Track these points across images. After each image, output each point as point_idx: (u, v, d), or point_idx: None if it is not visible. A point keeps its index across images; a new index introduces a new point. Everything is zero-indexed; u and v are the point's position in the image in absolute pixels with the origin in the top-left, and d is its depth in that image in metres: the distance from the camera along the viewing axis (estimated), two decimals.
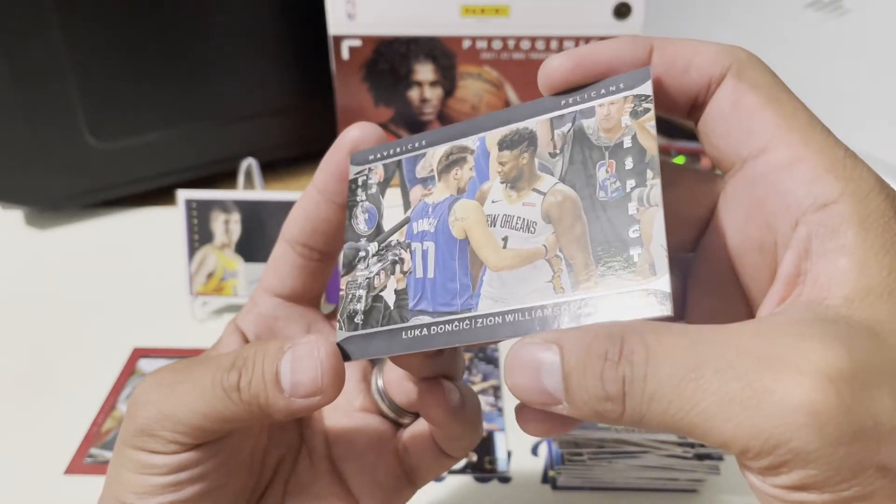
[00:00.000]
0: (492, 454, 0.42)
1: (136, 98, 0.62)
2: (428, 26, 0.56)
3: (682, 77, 0.20)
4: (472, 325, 0.21)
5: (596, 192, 0.20)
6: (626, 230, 0.19)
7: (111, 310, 0.54)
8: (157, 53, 0.62)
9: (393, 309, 0.22)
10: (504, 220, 0.21)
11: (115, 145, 0.63)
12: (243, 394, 0.22)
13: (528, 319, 0.20)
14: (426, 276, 0.22)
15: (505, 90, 0.58)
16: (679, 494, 0.40)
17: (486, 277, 0.21)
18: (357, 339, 0.23)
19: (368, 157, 0.25)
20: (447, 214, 0.22)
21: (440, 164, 0.23)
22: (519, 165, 0.22)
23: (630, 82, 0.20)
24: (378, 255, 0.23)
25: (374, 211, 0.24)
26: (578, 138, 0.21)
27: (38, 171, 0.61)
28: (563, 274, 0.20)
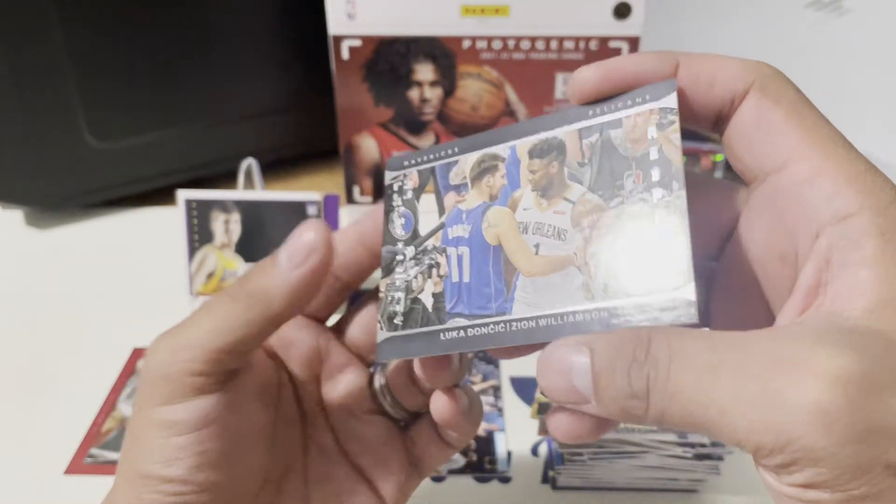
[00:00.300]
0: (492, 454, 0.42)
1: (136, 98, 0.62)
2: (428, 26, 0.56)
3: (708, 92, 0.20)
4: (507, 329, 0.22)
5: (623, 201, 0.21)
6: (653, 238, 0.20)
7: (111, 310, 0.54)
8: (158, 54, 0.62)
9: (431, 311, 0.23)
10: (535, 228, 0.22)
11: (115, 145, 0.63)
12: (245, 286, 0.23)
13: (561, 324, 0.21)
14: (462, 280, 0.23)
15: (505, 90, 0.58)
16: (679, 494, 0.40)
17: (520, 283, 0.22)
18: (397, 340, 0.24)
19: (403, 162, 0.25)
20: (480, 221, 0.23)
21: (473, 171, 0.24)
22: (549, 174, 0.22)
23: (656, 94, 0.21)
24: (415, 259, 0.24)
25: (411, 216, 0.25)
26: (606, 149, 0.21)
27: (39, 171, 0.61)
28: (592, 280, 0.20)
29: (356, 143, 0.61)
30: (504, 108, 0.59)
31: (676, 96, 0.20)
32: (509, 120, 0.60)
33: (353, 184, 0.62)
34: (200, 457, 0.23)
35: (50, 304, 0.55)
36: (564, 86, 0.58)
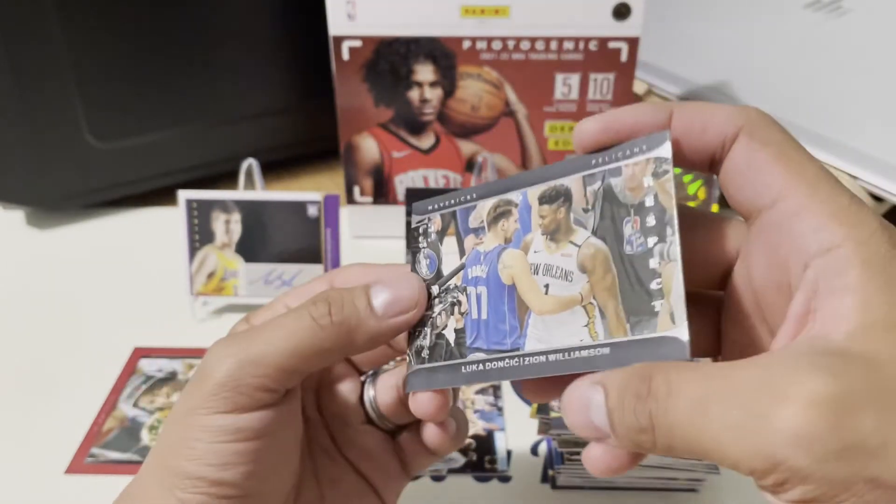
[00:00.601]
0: (492, 453, 0.42)
1: (136, 98, 0.62)
2: (428, 27, 0.56)
3: (701, 137, 0.22)
4: (520, 363, 0.24)
5: (623, 246, 0.22)
6: (650, 283, 0.22)
7: (112, 310, 0.54)
8: (158, 54, 0.62)
9: (453, 346, 0.26)
10: (545, 269, 0.24)
11: (115, 145, 0.63)
12: (334, 317, 0.25)
13: (569, 359, 0.23)
14: (480, 318, 0.25)
15: (505, 90, 0.58)
16: (678, 494, 0.40)
17: (532, 320, 0.24)
18: (424, 372, 0.26)
19: (427, 207, 0.28)
20: (496, 262, 0.26)
21: (489, 215, 0.26)
22: (557, 219, 0.24)
23: (651, 145, 0.22)
24: (439, 297, 0.26)
25: (435, 257, 0.27)
26: (608, 196, 0.23)
27: (39, 171, 0.61)
28: (596, 320, 0.23)
29: (356, 144, 0.61)
30: (504, 109, 0.59)
31: (670, 146, 0.22)
32: (509, 120, 0.60)
33: (354, 184, 0.62)
34: (255, 465, 0.24)
35: (51, 303, 0.55)
36: (564, 86, 0.58)
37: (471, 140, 0.61)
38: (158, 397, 0.46)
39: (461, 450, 0.42)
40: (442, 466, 0.41)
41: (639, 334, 0.21)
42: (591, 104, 0.58)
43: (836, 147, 0.57)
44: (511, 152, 0.61)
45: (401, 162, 0.62)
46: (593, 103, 0.58)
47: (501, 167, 0.62)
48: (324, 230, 0.51)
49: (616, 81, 0.57)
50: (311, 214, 0.51)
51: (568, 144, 0.61)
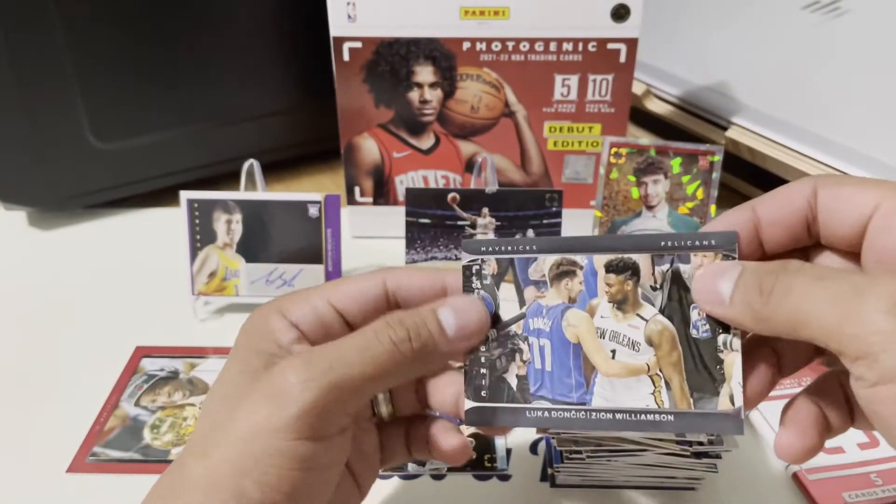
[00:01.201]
0: (491, 452, 0.42)
1: (138, 99, 0.63)
2: (428, 28, 0.56)
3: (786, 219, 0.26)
4: (587, 416, 0.26)
5: (689, 328, 0.25)
6: (713, 366, 0.25)
7: (114, 309, 0.55)
8: (160, 55, 0.62)
9: (516, 391, 0.27)
10: (612, 335, 0.26)
11: (117, 146, 0.63)
12: (414, 343, 0.25)
13: (636, 420, 0.26)
14: (545, 369, 0.27)
15: (504, 91, 0.59)
16: (677, 493, 0.40)
17: (598, 380, 0.26)
18: (485, 410, 0.28)
19: (480, 248, 0.28)
20: (560, 319, 0.27)
21: (552, 271, 0.27)
22: (624, 290, 0.26)
23: (721, 242, 0.25)
24: (497, 341, 0.28)
25: (490, 300, 0.28)
26: (676, 280, 0.26)
27: (41, 172, 0.61)
28: (662, 391, 0.26)
29: (357, 144, 0.62)
30: (503, 110, 0.60)
31: (738, 247, 0.25)
32: (508, 121, 0.60)
33: (354, 184, 0.62)
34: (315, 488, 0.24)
35: (52, 303, 0.55)
36: (563, 87, 0.58)
37: (470, 141, 0.61)
38: (160, 396, 0.46)
39: None
40: (441, 465, 0.41)
41: (701, 409, 0.25)
42: (590, 105, 0.59)
43: (834, 147, 0.57)
44: (510, 153, 0.61)
45: (401, 162, 0.62)
46: (592, 104, 0.58)
47: (501, 167, 0.62)
48: (325, 230, 0.52)
49: (615, 82, 0.58)
50: (312, 214, 0.51)
51: (567, 145, 0.61)
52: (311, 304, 0.28)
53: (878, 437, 0.42)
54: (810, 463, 0.41)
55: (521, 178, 0.63)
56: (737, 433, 0.24)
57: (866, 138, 0.56)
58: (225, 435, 0.24)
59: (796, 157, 0.59)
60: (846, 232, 0.24)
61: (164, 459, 0.42)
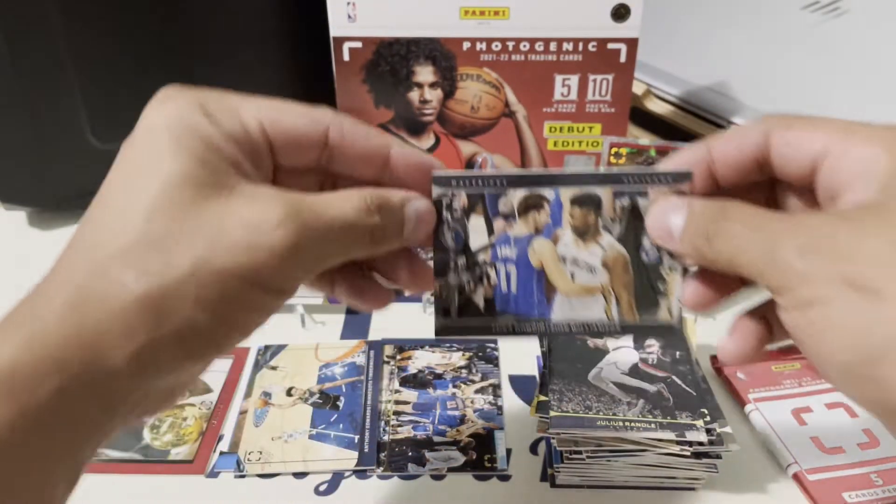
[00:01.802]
0: (491, 452, 0.42)
1: (138, 99, 0.62)
2: (428, 28, 0.56)
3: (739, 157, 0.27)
4: (546, 328, 0.30)
5: (640, 254, 0.29)
6: (658, 286, 0.29)
7: None
8: (160, 55, 0.62)
9: (483, 310, 0.30)
10: (572, 261, 0.30)
11: (117, 146, 0.63)
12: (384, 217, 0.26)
13: (587, 330, 0.30)
14: (510, 292, 0.30)
15: (504, 91, 0.59)
16: (677, 493, 0.40)
17: (558, 298, 0.30)
18: (453, 327, 0.31)
19: (451, 181, 0.29)
20: (526, 247, 0.30)
21: (520, 205, 0.30)
22: (587, 222, 0.30)
23: (677, 179, 0.28)
24: (467, 267, 0.30)
25: (460, 231, 0.30)
26: (633, 213, 0.29)
27: (42, 172, 0.61)
28: (612, 306, 0.30)
29: None
30: (503, 110, 0.60)
31: (689, 185, 0.28)
32: (508, 121, 0.60)
33: None
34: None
35: None
36: (563, 87, 0.58)
37: (470, 141, 0.61)
38: None
39: (461, 448, 0.43)
40: (442, 465, 0.41)
41: (644, 321, 0.30)
42: (590, 105, 0.59)
43: None
44: (511, 153, 0.61)
45: None
46: (592, 104, 0.58)
47: (501, 167, 0.62)
48: None
49: (615, 82, 0.58)
50: None
51: (567, 145, 0.61)
52: (241, 119, 0.25)
53: (877, 436, 0.42)
54: (810, 463, 0.41)
55: None
56: (672, 336, 0.31)
57: None
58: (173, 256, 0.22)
59: None
60: (799, 174, 0.26)
61: (164, 459, 0.42)
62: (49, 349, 0.21)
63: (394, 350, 0.50)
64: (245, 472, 0.42)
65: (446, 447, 0.43)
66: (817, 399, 0.45)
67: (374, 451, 0.42)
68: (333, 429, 0.44)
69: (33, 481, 0.22)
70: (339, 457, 0.42)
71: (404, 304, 0.55)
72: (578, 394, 0.41)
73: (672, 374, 0.42)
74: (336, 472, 0.41)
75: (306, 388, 0.47)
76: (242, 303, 0.23)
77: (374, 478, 0.41)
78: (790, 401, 0.45)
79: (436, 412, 0.45)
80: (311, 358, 0.50)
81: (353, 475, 0.41)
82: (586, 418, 0.39)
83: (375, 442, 0.43)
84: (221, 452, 0.43)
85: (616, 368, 0.43)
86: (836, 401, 0.45)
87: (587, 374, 0.42)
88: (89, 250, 0.23)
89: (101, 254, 0.22)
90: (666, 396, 0.40)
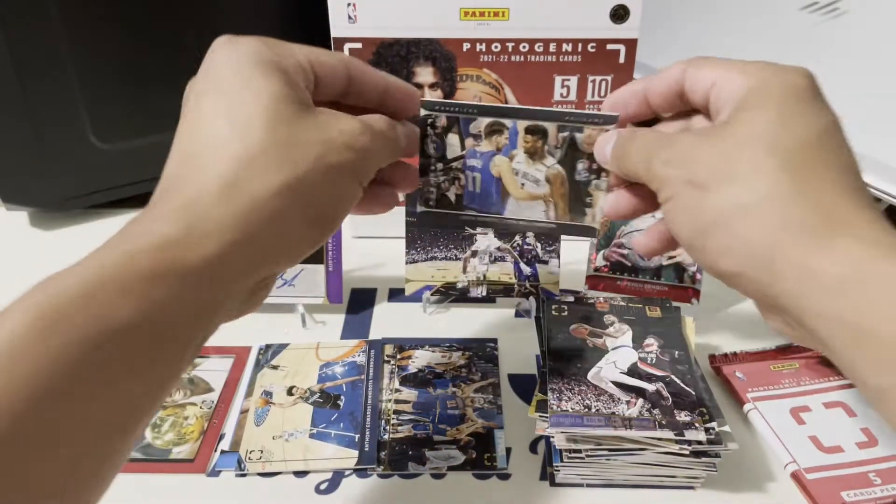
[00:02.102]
0: (491, 451, 0.43)
1: (139, 100, 0.63)
2: (428, 29, 0.56)
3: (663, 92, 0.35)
4: (500, 220, 0.40)
5: (575, 174, 0.38)
6: (586, 198, 0.39)
7: None
8: (161, 56, 0.62)
9: (454, 203, 0.40)
10: (523, 175, 0.39)
11: (118, 147, 0.63)
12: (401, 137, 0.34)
13: (530, 226, 0.40)
14: (475, 191, 0.40)
15: (504, 92, 0.59)
16: (676, 492, 0.40)
17: (510, 201, 0.40)
18: (431, 215, 0.41)
19: (435, 107, 0.39)
20: (489, 161, 0.40)
21: (486, 129, 0.39)
22: (536, 146, 0.39)
23: (607, 121, 0.36)
24: (444, 171, 0.40)
25: (440, 144, 0.39)
26: (571, 144, 0.38)
27: (43, 172, 0.62)
28: (550, 210, 0.39)
29: None
30: None
31: (616, 127, 0.36)
32: None
33: None
34: None
35: None
36: (562, 88, 0.58)
37: None
38: None
39: (461, 447, 0.43)
40: (442, 464, 0.42)
41: (573, 221, 0.39)
42: (590, 105, 0.59)
43: None
44: None
45: None
46: (592, 104, 0.59)
47: None
48: None
49: (614, 83, 0.58)
50: None
51: None
52: (298, 60, 0.31)
53: (876, 436, 0.42)
54: (809, 462, 0.41)
55: None
56: (592, 237, 0.40)
57: (865, 139, 0.56)
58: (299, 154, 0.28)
59: None
60: (701, 102, 0.33)
61: (165, 458, 0.42)
62: (209, 223, 0.27)
63: (394, 349, 0.51)
64: (246, 471, 0.42)
65: (446, 446, 0.43)
66: (816, 398, 0.45)
67: (374, 450, 0.43)
68: (334, 428, 0.44)
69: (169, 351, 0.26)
70: (339, 456, 0.42)
71: (404, 304, 0.55)
72: (578, 393, 0.41)
73: (671, 373, 0.42)
74: (337, 471, 0.42)
75: (307, 387, 0.47)
76: (346, 189, 0.31)
77: (375, 477, 0.41)
78: (789, 400, 0.45)
79: (436, 411, 0.45)
80: (311, 357, 0.50)
81: (354, 474, 0.42)
82: (586, 417, 0.39)
83: (376, 441, 0.43)
84: (222, 451, 0.43)
85: (615, 368, 0.43)
86: (834, 400, 0.45)
87: (586, 373, 0.42)
88: (213, 157, 0.28)
89: (233, 155, 0.28)
90: (665, 396, 0.40)
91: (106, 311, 0.23)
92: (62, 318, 0.23)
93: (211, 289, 0.27)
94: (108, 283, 0.24)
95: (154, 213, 0.29)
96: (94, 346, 0.23)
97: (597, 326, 0.46)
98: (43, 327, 0.22)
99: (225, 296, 0.28)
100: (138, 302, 0.24)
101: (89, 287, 0.24)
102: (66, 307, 0.23)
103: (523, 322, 0.54)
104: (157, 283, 0.25)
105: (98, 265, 0.25)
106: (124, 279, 0.24)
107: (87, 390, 0.23)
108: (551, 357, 0.43)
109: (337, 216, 0.31)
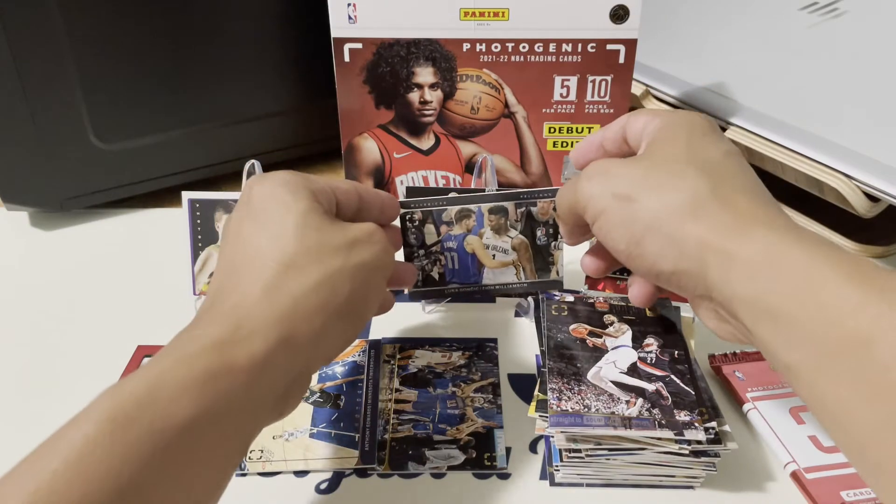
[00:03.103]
0: (491, 451, 0.43)
1: (140, 100, 0.63)
2: (428, 29, 0.56)
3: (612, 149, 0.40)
4: (479, 289, 0.49)
5: (535, 240, 0.47)
6: (548, 258, 0.48)
7: (116, 309, 0.55)
8: (162, 56, 0.62)
9: (438, 280, 0.49)
10: (493, 247, 0.48)
11: (119, 147, 0.63)
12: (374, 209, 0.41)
13: (505, 289, 0.50)
14: (455, 268, 0.49)
15: (504, 92, 0.59)
16: (675, 491, 0.40)
17: (485, 271, 0.48)
18: (419, 293, 0.50)
19: (411, 205, 0.47)
20: (462, 241, 0.48)
21: (456, 216, 0.48)
22: (500, 223, 0.48)
23: (552, 194, 0.47)
24: (426, 255, 0.48)
25: (420, 234, 0.48)
26: (528, 216, 0.48)
27: (44, 172, 0.62)
28: (520, 272, 0.48)
29: (357, 145, 0.62)
30: (503, 110, 0.60)
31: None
32: (508, 121, 0.60)
33: None
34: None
35: (55, 303, 0.56)
36: (562, 88, 0.58)
37: (470, 141, 0.61)
38: None
39: (461, 447, 0.43)
40: (442, 464, 0.42)
41: (541, 278, 0.48)
42: (590, 105, 0.59)
43: (832, 148, 0.58)
44: (510, 153, 0.62)
45: (401, 163, 0.62)
46: (591, 105, 0.59)
47: (501, 168, 0.62)
48: None
49: (614, 83, 0.58)
50: None
51: (566, 145, 0.61)
52: (322, 184, 0.37)
53: None
54: (808, 462, 0.41)
55: (520, 179, 0.63)
56: (559, 288, 0.48)
57: (865, 139, 0.56)
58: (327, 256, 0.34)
59: (794, 157, 0.59)
60: (637, 144, 0.37)
61: None
62: (254, 322, 0.30)
63: (394, 349, 0.51)
64: (246, 470, 0.42)
65: (446, 446, 0.43)
66: None
67: (374, 449, 0.43)
68: (334, 427, 0.44)
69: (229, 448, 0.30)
70: (339, 455, 0.42)
71: (404, 305, 0.55)
72: (577, 392, 0.41)
73: (671, 373, 0.42)
74: (337, 471, 0.42)
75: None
76: (372, 282, 0.36)
77: (375, 476, 0.41)
78: (788, 399, 0.45)
79: (436, 411, 0.45)
80: None
81: (354, 474, 0.42)
82: (585, 417, 0.39)
83: (376, 440, 0.43)
84: None
85: (615, 367, 0.43)
86: None
87: (586, 372, 0.42)
88: (254, 267, 0.33)
89: (271, 263, 0.32)
90: (665, 395, 0.41)
91: (169, 411, 0.26)
92: (130, 420, 0.26)
93: (260, 384, 0.30)
94: (169, 385, 0.27)
95: (203, 320, 0.32)
96: (161, 440, 0.26)
97: (596, 326, 0.46)
98: (114, 429, 0.25)
99: (269, 390, 0.31)
100: (197, 399, 0.27)
101: (152, 389, 0.27)
102: (133, 410, 0.26)
103: (523, 322, 0.54)
104: (212, 381, 0.28)
105: (158, 370, 0.28)
106: (182, 380, 0.27)
107: (157, 482, 0.25)
108: (551, 357, 0.44)
109: (367, 308, 0.36)
